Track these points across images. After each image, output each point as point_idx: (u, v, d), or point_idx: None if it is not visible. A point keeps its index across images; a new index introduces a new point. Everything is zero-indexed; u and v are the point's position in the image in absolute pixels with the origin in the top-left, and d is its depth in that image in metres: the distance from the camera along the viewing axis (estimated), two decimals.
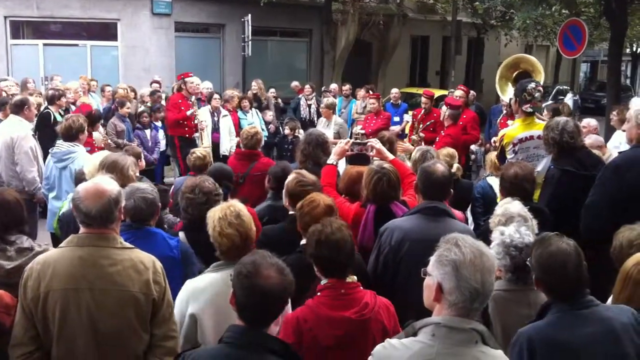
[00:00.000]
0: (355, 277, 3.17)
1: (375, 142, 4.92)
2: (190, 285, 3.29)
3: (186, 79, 10.21)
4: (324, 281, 3.16)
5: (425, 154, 5.58)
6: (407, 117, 13.09)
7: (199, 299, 3.20)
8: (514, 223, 3.50)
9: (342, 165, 5.20)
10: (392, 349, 2.41)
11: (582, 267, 2.85)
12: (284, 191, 4.36)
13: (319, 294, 3.12)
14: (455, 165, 6.35)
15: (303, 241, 3.73)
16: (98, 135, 8.29)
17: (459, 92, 10.76)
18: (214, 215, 3.32)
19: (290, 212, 4.34)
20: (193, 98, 10.38)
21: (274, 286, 2.41)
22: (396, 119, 12.41)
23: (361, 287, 3.16)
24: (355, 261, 3.28)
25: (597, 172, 4.68)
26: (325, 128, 9.82)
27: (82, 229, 3.00)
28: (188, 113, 10.03)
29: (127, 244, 3.05)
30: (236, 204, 3.39)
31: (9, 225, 3.51)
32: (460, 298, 2.31)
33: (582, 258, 2.88)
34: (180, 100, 10.15)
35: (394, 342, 2.44)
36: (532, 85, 5.79)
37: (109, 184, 3.05)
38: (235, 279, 2.48)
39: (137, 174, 5.15)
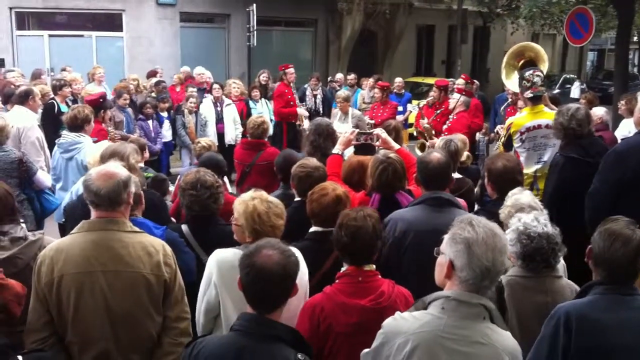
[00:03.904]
0: (373, 266, 3.18)
1: (380, 132, 4.90)
2: (218, 254, 3.34)
3: (286, 70, 11.23)
4: (344, 268, 3.17)
5: (449, 143, 5.51)
6: (411, 107, 13.06)
7: (221, 269, 3.27)
8: (531, 213, 3.46)
9: (347, 155, 5.19)
10: (402, 321, 2.47)
11: (637, 259, 2.85)
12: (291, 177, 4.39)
13: (337, 281, 3.13)
14: (465, 154, 6.31)
15: (312, 228, 3.73)
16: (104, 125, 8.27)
17: (460, 81, 10.82)
18: (251, 208, 3.32)
19: (296, 199, 4.35)
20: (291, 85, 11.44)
21: (272, 264, 2.42)
22: (400, 108, 12.36)
23: (379, 276, 3.16)
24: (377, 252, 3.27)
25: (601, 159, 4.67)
26: (343, 122, 9.64)
27: (92, 214, 3.05)
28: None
29: (136, 228, 3.10)
30: (265, 194, 3.47)
31: (0, 216, 3.49)
32: (470, 275, 2.37)
33: None
34: (286, 90, 11.15)
35: (405, 314, 2.50)
36: (530, 71, 5.83)
37: (119, 169, 3.15)
38: (239, 261, 2.52)
39: (142, 164, 5.16)
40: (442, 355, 2.37)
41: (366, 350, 2.60)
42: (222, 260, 3.31)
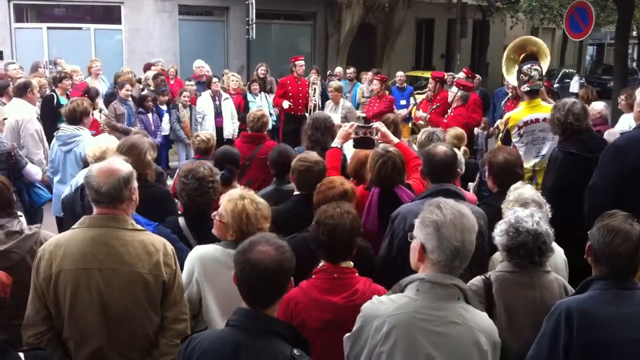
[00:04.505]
0: (351, 263, 3.18)
1: (380, 126, 4.90)
2: (199, 250, 3.34)
3: (296, 62, 11.28)
4: (321, 263, 3.17)
5: (431, 135, 5.54)
6: (414, 101, 13.04)
7: (204, 263, 3.26)
8: (529, 208, 3.45)
9: (347, 149, 5.18)
10: (379, 304, 2.56)
11: (637, 254, 2.85)
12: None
13: (313, 276, 3.15)
14: (462, 149, 6.32)
15: None
16: (96, 114, 8.27)
17: (461, 75, 10.79)
18: (240, 209, 3.28)
19: (295, 193, 4.35)
20: (311, 78, 11.57)
21: (266, 260, 2.40)
22: (402, 102, 12.35)
23: (357, 274, 3.16)
24: (356, 249, 3.26)
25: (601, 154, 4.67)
26: (333, 112, 9.70)
27: (94, 210, 3.02)
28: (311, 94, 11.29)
29: (138, 226, 3.07)
30: (255, 196, 3.40)
31: None
32: (442, 256, 2.47)
33: None
34: (288, 82, 11.22)
35: (382, 298, 2.59)
36: (528, 65, 5.84)
37: (121, 164, 3.08)
38: (234, 257, 2.51)
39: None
40: (418, 335, 2.44)
41: (348, 334, 2.65)
42: (203, 255, 3.29)
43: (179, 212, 4.45)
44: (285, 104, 10.96)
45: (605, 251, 2.87)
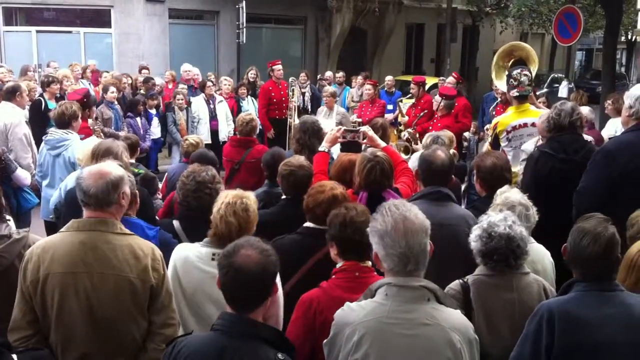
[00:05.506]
0: (369, 263, 3.17)
1: (367, 130, 4.91)
2: (179, 247, 3.40)
3: (273, 67, 11.24)
4: (339, 264, 3.16)
5: (437, 139, 5.57)
6: (402, 106, 13.06)
7: (175, 262, 3.29)
8: (508, 211, 3.45)
9: (335, 153, 5.20)
10: (350, 311, 2.56)
11: (612, 254, 2.88)
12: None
13: (333, 276, 3.13)
14: (451, 151, 6.34)
15: (306, 224, 3.72)
16: (91, 122, 8.25)
17: (451, 79, 10.82)
18: (222, 198, 3.31)
19: (283, 197, 4.35)
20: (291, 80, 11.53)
21: (250, 264, 2.40)
22: (390, 107, 12.37)
23: (375, 273, 3.15)
24: None
25: (578, 157, 4.69)
26: (327, 118, 9.66)
27: (84, 213, 3.02)
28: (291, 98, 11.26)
29: (127, 230, 3.05)
30: (249, 197, 3.37)
31: None
32: (392, 264, 2.49)
33: (614, 244, 2.89)
34: (270, 88, 11.19)
35: (353, 304, 2.58)
36: (517, 70, 5.87)
37: (113, 168, 3.08)
38: (217, 260, 2.52)
39: (132, 161, 5.13)
40: (390, 340, 2.43)
41: (325, 340, 2.65)
42: (178, 254, 3.33)
43: (157, 217, 4.46)
44: (270, 135, 11.12)
45: (575, 252, 2.92)
